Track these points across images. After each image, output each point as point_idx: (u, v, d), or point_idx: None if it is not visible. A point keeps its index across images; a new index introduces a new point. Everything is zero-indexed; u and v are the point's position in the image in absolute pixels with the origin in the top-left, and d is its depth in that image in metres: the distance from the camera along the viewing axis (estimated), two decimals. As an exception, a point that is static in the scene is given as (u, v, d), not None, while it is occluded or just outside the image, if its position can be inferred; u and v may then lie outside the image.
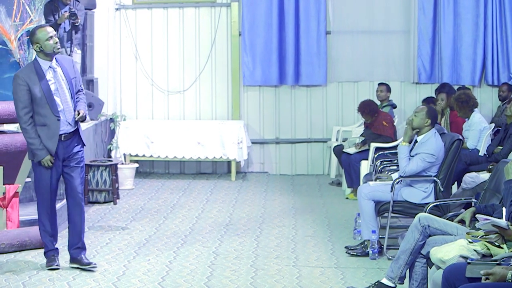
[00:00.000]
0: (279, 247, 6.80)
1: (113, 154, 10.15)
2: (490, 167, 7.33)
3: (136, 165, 9.99)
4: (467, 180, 7.38)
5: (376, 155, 8.20)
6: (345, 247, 6.63)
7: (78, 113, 5.82)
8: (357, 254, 6.48)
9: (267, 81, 10.90)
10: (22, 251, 6.47)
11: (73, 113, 5.84)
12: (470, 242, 4.46)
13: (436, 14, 10.71)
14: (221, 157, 10.40)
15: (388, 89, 9.94)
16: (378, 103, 9.72)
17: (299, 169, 11.07)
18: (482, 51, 10.63)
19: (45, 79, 5.75)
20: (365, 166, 8.64)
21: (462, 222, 5.03)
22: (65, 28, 8.94)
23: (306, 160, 11.07)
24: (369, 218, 6.47)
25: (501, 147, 7.64)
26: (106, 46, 10.66)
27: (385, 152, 8.27)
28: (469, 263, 4.12)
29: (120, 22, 11.04)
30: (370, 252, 6.41)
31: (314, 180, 10.56)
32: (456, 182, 7.65)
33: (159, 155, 10.45)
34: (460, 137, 6.56)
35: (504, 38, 10.56)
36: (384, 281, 5.26)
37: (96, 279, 5.74)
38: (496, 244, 4.37)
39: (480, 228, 4.51)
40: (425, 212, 5.48)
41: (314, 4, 10.76)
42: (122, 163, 9.85)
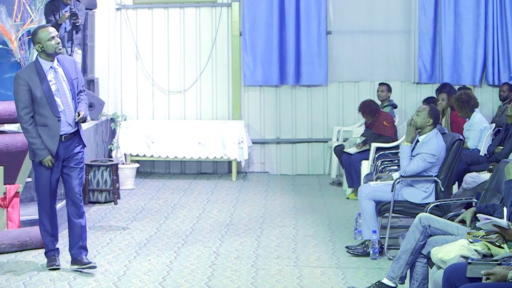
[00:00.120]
0: (280, 247, 6.80)
1: (113, 154, 10.15)
2: (491, 167, 7.33)
3: (137, 165, 9.99)
4: (467, 180, 7.38)
5: (376, 155, 8.20)
6: (346, 247, 6.63)
7: (78, 114, 5.82)
8: (357, 254, 6.48)
9: (267, 81, 10.90)
10: (22, 251, 6.47)
11: (74, 114, 5.83)
12: (470, 242, 4.46)
13: (436, 14, 10.71)
14: (221, 157, 10.40)
15: (389, 89, 9.94)
16: (379, 103, 9.72)
17: (299, 169, 11.07)
18: (483, 51, 10.63)
19: (46, 79, 5.75)
20: (365, 166, 8.65)
21: (462, 222, 5.03)
22: (65, 28, 8.94)
23: (306, 160, 11.07)
24: (369, 218, 6.46)
25: (502, 147, 7.63)
26: (107, 46, 10.66)
27: (386, 152, 8.27)
28: (469, 263, 4.12)
29: (120, 22, 11.04)
30: (371, 252, 6.41)
31: (314, 180, 10.56)
32: (456, 182, 7.65)
33: (159, 155, 10.46)
34: (461, 137, 6.56)
35: (504, 38, 10.56)
36: (385, 281, 5.26)
37: (96, 279, 5.74)
38: (497, 244, 4.37)
39: (480, 228, 4.52)
40: (426, 212, 5.47)
41: (315, 4, 10.75)
42: (123, 163, 9.85)
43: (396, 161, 7.44)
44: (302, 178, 10.70)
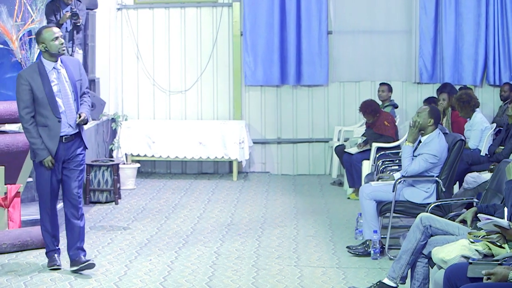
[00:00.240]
0: (281, 247, 6.80)
1: (114, 154, 10.15)
2: (492, 167, 7.33)
3: (138, 165, 9.99)
4: (468, 180, 7.38)
5: (377, 155, 8.19)
6: (347, 247, 6.63)
7: (79, 116, 5.81)
8: (358, 254, 6.48)
9: (268, 81, 10.90)
10: (23, 251, 6.48)
11: (75, 116, 5.82)
12: (471, 242, 4.46)
13: (437, 13, 10.71)
14: (222, 157, 10.40)
15: (390, 89, 9.94)
16: (380, 103, 9.71)
17: (300, 169, 11.07)
18: (484, 51, 10.62)
19: (48, 79, 5.74)
20: (366, 166, 8.65)
21: (463, 222, 5.03)
22: (66, 28, 8.94)
23: (307, 160, 11.07)
24: (370, 218, 6.46)
25: (503, 147, 7.63)
26: (108, 46, 10.66)
27: (387, 152, 8.26)
28: (470, 263, 4.12)
29: (121, 22, 11.04)
30: (372, 252, 6.41)
31: (315, 180, 10.56)
32: (457, 182, 7.64)
33: (160, 155, 10.46)
34: (463, 138, 6.56)
35: (505, 38, 10.56)
36: (386, 281, 5.25)
37: (97, 279, 5.74)
38: (498, 244, 4.37)
39: (481, 228, 4.52)
40: (427, 212, 5.47)
41: (316, 4, 10.76)
42: (124, 163, 9.85)
43: (397, 161, 7.44)
44: (303, 178, 10.70)
